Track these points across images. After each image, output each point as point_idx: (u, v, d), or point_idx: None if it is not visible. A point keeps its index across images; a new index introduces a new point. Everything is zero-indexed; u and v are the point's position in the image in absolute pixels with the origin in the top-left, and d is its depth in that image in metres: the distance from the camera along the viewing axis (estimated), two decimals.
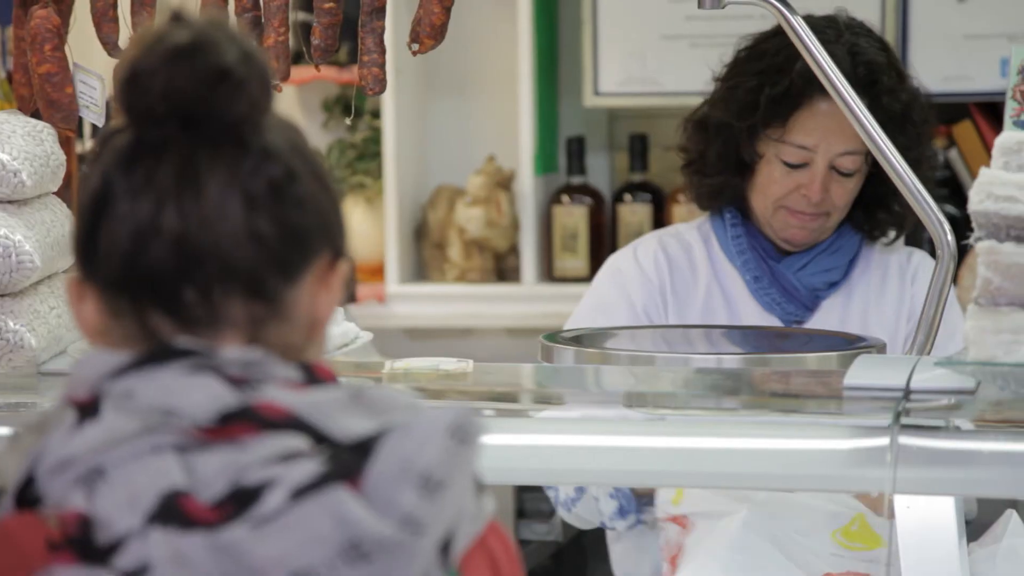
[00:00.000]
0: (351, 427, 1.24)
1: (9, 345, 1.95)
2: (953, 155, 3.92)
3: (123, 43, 2.24)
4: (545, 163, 3.88)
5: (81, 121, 2.32)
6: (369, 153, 3.98)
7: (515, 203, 3.86)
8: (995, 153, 1.71)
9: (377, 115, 3.92)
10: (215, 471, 1.21)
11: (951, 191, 3.82)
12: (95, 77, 2.25)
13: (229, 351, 1.25)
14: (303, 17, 3.33)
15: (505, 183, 3.88)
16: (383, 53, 2.15)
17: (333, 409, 1.24)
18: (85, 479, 1.22)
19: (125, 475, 1.21)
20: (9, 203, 1.98)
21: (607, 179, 3.95)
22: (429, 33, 2.15)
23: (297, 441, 1.22)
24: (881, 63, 2.60)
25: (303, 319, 1.29)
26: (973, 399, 1.76)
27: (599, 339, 2.29)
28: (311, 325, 1.30)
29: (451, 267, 3.87)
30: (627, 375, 2.10)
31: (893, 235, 2.70)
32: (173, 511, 1.19)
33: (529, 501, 3.52)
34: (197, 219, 1.24)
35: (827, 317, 2.62)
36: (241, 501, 1.19)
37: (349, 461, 1.22)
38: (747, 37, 2.66)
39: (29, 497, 1.24)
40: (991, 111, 3.88)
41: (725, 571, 2.24)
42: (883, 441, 1.66)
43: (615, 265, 2.68)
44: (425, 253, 3.95)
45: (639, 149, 3.82)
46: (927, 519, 1.74)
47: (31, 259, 1.94)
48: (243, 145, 1.26)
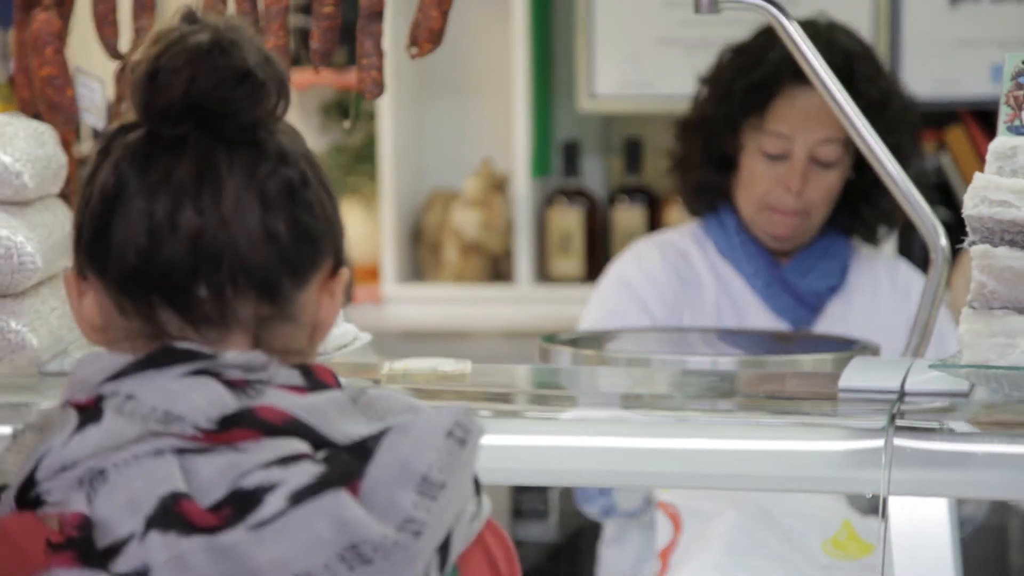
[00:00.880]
0: (350, 430, 1.24)
1: (11, 345, 1.96)
2: (945, 160, 3.94)
3: (123, 47, 2.25)
4: (540, 166, 3.90)
5: (80, 123, 2.33)
6: (366, 156, 3.99)
7: (510, 206, 3.87)
8: (989, 158, 1.72)
9: (373, 118, 3.93)
10: (215, 475, 1.21)
11: (943, 195, 3.84)
12: (96, 80, 2.26)
13: (231, 354, 1.26)
14: (302, 21, 3.34)
15: (500, 186, 3.89)
16: (381, 57, 2.16)
17: (332, 412, 1.24)
18: (86, 481, 1.22)
19: (125, 478, 1.21)
20: (11, 205, 1.98)
21: (602, 182, 3.97)
22: (427, 37, 2.16)
23: (297, 444, 1.22)
24: (857, 52, 2.65)
25: (308, 322, 1.30)
26: (967, 401, 1.77)
27: (596, 341, 2.31)
28: (314, 329, 1.31)
29: (447, 269, 3.88)
30: (624, 377, 2.11)
31: (883, 232, 2.72)
32: (172, 515, 1.19)
33: (526, 502, 3.53)
34: (215, 218, 1.25)
35: (832, 321, 2.65)
36: (241, 504, 1.19)
37: (348, 464, 1.22)
38: (733, 43, 2.70)
39: (30, 498, 1.24)
40: (982, 116, 3.89)
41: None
42: (878, 443, 1.67)
43: (623, 277, 2.69)
44: (421, 255, 3.97)
45: (634, 152, 3.84)
46: (921, 521, 1.75)
47: (33, 260, 1.95)
48: (259, 146, 1.27)
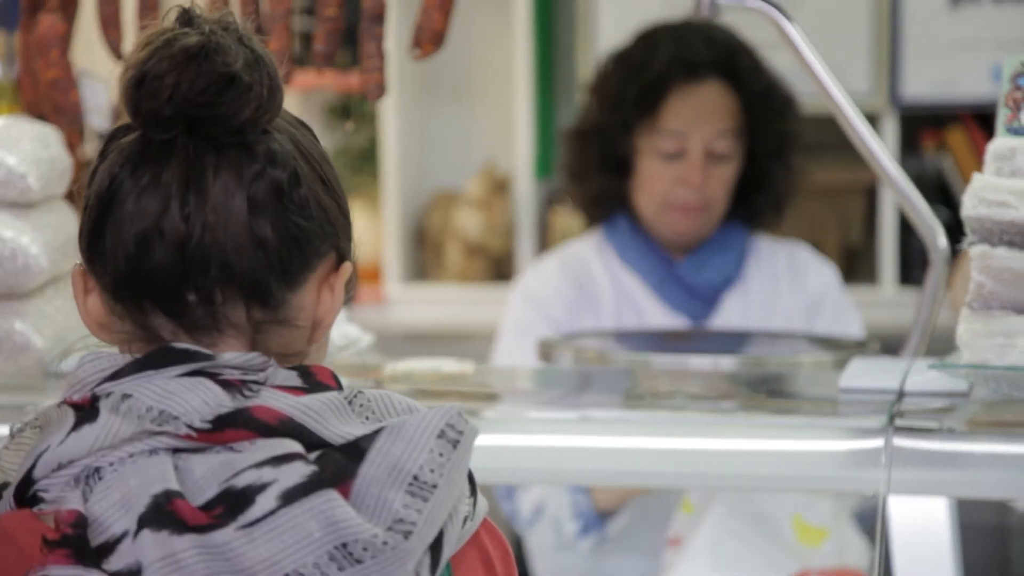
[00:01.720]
0: (345, 430, 1.24)
1: (16, 346, 1.97)
2: (945, 161, 3.95)
3: (128, 49, 2.26)
4: (543, 167, 3.91)
5: (85, 126, 2.33)
6: (369, 157, 4.00)
7: (513, 207, 3.88)
8: (988, 159, 1.73)
9: (376, 120, 3.94)
10: (207, 474, 1.21)
11: (943, 196, 3.85)
12: (100, 82, 2.27)
13: (229, 355, 1.26)
14: (305, 24, 3.35)
15: (503, 187, 3.90)
16: (384, 59, 2.17)
17: (328, 413, 1.24)
18: (82, 480, 1.22)
19: (120, 477, 1.22)
20: (16, 206, 1.99)
21: None
22: (430, 39, 2.16)
23: (290, 444, 1.22)
24: (737, 46, 2.70)
25: (305, 322, 1.30)
26: (966, 401, 1.78)
27: (596, 342, 2.32)
28: (314, 327, 1.31)
29: (449, 270, 3.89)
30: (625, 377, 2.12)
31: (774, 217, 2.77)
32: (165, 513, 1.19)
33: None
34: (201, 223, 1.24)
35: (728, 314, 2.69)
36: (232, 504, 1.20)
37: (341, 464, 1.22)
38: (613, 51, 2.77)
39: (28, 496, 1.25)
40: (982, 117, 3.90)
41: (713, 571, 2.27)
42: (877, 443, 1.68)
43: (526, 289, 2.75)
44: (424, 256, 3.97)
45: None
46: (920, 520, 1.76)
47: (38, 261, 1.96)
48: (248, 149, 1.26)
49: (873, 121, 3.45)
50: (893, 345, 2.29)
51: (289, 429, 1.23)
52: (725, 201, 2.70)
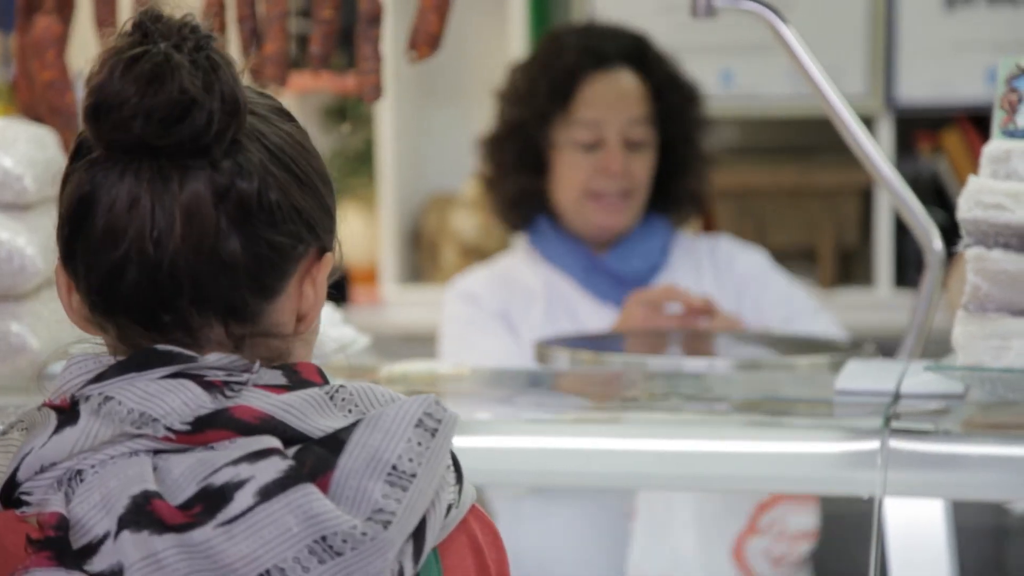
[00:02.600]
0: (325, 424, 1.25)
1: (11, 348, 1.97)
2: (940, 163, 3.95)
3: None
4: None
5: (80, 127, 2.33)
6: (365, 159, 4.00)
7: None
8: (983, 161, 1.73)
9: (372, 122, 3.94)
10: (186, 473, 1.22)
11: (938, 198, 3.85)
12: None
13: (212, 357, 1.26)
14: (302, 26, 3.35)
15: None
16: (380, 61, 2.17)
17: (309, 409, 1.25)
18: (65, 482, 1.23)
19: (101, 478, 1.22)
20: (12, 208, 1.99)
21: None
22: (426, 41, 2.17)
23: (267, 440, 1.22)
24: (642, 38, 2.77)
25: (288, 327, 1.30)
26: (962, 403, 1.78)
27: (592, 344, 2.32)
28: (297, 320, 1.31)
29: (445, 272, 3.89)
30: (621, 379, 2.12)
31: (691, 210, 2.80)
32: (144, 514, 1.20)
33: None
34: (171, 247, 1.24)
35: None
36: (210, 502, 1.20)
37: (320, 456, 1.22)
38: (517, 61, 2.83)
39: (13, 498, 1.25)
40: (978, 120, 3.90)
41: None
42: (873, 444, 1.68)
43: (460, 290, 2.75)
44: (420, 258, 3.97)
45: None
46: (916, 522, 1.76)
47: (33, 263, 1.96)
48: (214, 166, 1.24)
49: (868, 123, 3.45)
50: (888, 347, 2.29)
51: (270, 427, 1.23)
52: (645, 192, 2.72)
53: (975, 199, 1.69)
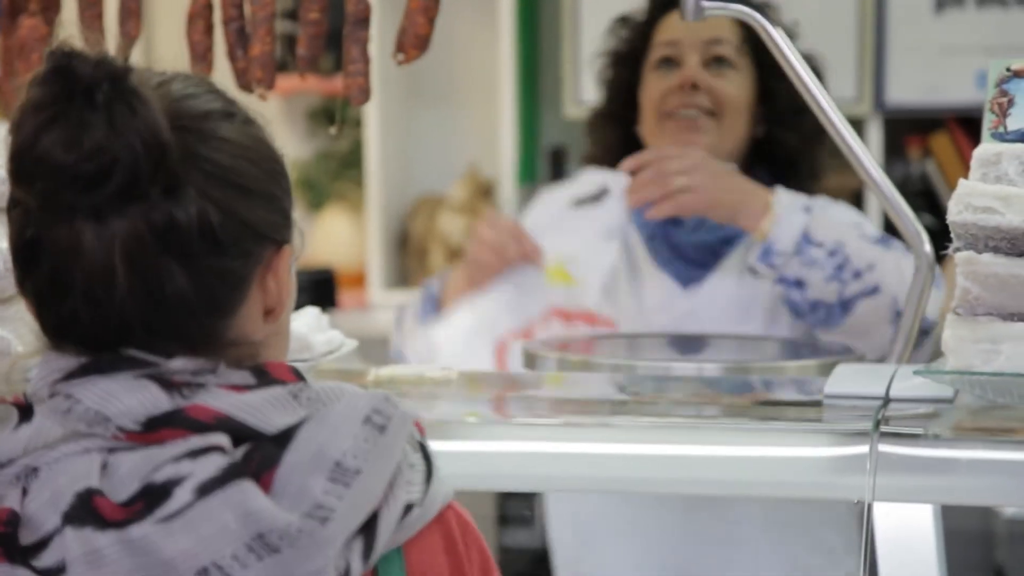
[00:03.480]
0: (282, 422, 1.25)
1: None
2: (930, 166, 3.95)
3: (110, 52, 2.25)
4: (527, 172, 3.90)
5: None
6: (352, 162, 3.99)
7: (497, 212, 3.88)
8: (973, 165, 1.73)
9: (360, 124, 3.93)
10: (131, 470, 1.23)
11: (928, 202, 3.85)
12: None
13: (177, 362, 1.26)
14: (289, 27, 3.34)
15: (487, 192, 3.90)
16: (367, 63, 2.16)
17: (267, 407, 1.25)
18: (22, 478, 1.25)
19: (52, 475, 1.24)
20: None
21: None
22: (414, 43, 2.16)
23: (214, 438, 1.23)
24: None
25: (254, 328, 1.30)
26: (952, 407, 1.77)
27: (579, 347, 2.31)
28: (265, 315, 1.31)
29: (433, 275, 3.89)
30: (608, 383, 2.11)
31: (802, 179, 2.58)
32: (87, 510, 1.21)
33: (511, 508, 3.53)
34: (117, 292, 1.24)
35: (725, 275, 2.52)
36: (151, 498, 1.21)
37: (267, 453, 1.23)
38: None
39: None
40: (967, 122, 3.91)
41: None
42: (863, 449, 1.67)
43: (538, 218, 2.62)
44: (407, 261, 3.97)
45: None
46: (906, 527, 1.76)
47: None
48: (150, 205, 1.23)
49: (858, 126, 3.45)
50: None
51: (225, 426, 1.24)
52: (737, 120, 2.53)
53: (965, 202, 1.68)
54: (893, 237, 2.40)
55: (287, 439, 1.24)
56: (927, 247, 2.08)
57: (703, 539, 2.47)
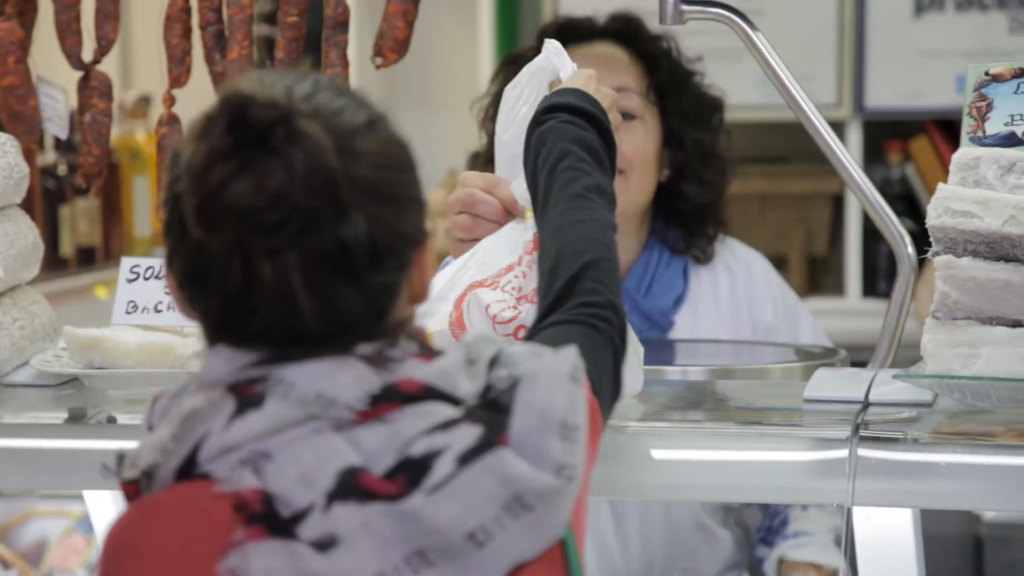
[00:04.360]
0: (470, 387, 1.33)
1: None
2: (909, 170, 3.96)
3: (87, 56, 2.24)
4: None
5: (43, 133, 2.31)
6: None
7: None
8: (952, 169, 1.73)
9: None
10: (379, 446, 1.30)
11: (908, 206, 3.86)
12: (58, 89, 2.25)
13: (361, 347, 1.33)
14: (267, 31, 3.33)
15: None
16: (346, 67, 2.16)
17: (456, 374, 1.33)
18: (250, 462, 1.30)
19: (292, 456, 1.29)
20: None
21: None
22: (392, 47, 2.16)
23: (442, 409, 1.31)
24: (636, 19, 2.56)
25: (407, 315, 1.37)
26: (931, 411, 1.77)
27: None
28: (411, 302, 1.38)
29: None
30: None
31: (714, 237, 2.56)
32: (353, 486, 1.28)
33: None
34: (300, 310, 1.31)
35: (681, 334, 2.51)
36: (413, 471, 1.29)
37: (491, 420, 1.31)
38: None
39: (194, 476, 1.31)
40: (947, 127, 3.91)
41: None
42: (842, 453, 1.67)
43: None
44: None
45: None
46: (885, 531, 1.75)
47: None
48: (320, 235, 1.30)
49: (838, 130, 3.45)
50: (857, 355, 2.29)
51: (430, 395, 1.32)
52: (644, 173, 2.49)
53: (944, 206, 1.68)
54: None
55: (496, 404, 1.32)
56: (910, 249, 2.08)
57: (664, 540, 2.46)
